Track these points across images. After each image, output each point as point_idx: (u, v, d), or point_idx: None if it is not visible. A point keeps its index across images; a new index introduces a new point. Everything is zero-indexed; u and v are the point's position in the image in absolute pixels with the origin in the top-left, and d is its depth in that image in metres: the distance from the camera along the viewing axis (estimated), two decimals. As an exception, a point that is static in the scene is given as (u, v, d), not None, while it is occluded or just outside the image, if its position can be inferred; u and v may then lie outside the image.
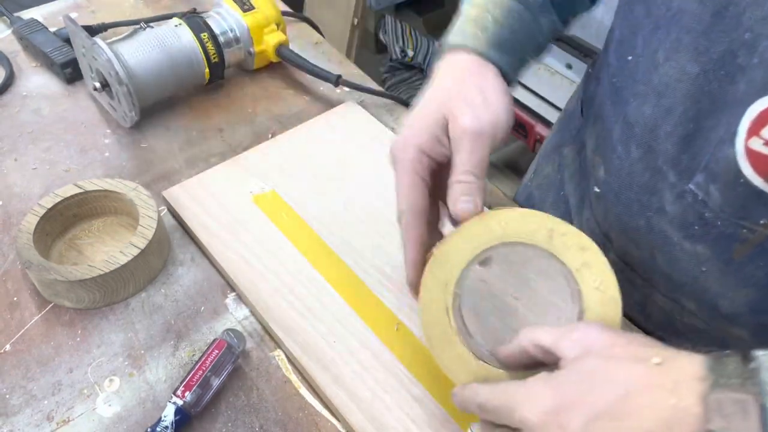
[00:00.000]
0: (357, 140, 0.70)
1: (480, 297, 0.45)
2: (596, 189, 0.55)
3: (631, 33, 0.46)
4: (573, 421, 0.33)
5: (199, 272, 0.59)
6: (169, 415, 0.46)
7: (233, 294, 0.57)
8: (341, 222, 0.61)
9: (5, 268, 0.58)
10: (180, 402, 0.47)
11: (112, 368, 0.52)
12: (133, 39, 0.70)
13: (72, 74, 0.77)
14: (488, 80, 0.46)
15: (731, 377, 0.31)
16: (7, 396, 0.50)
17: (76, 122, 0.73)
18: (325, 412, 0.49)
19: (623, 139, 0.48)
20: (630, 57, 0.46)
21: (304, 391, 0.50)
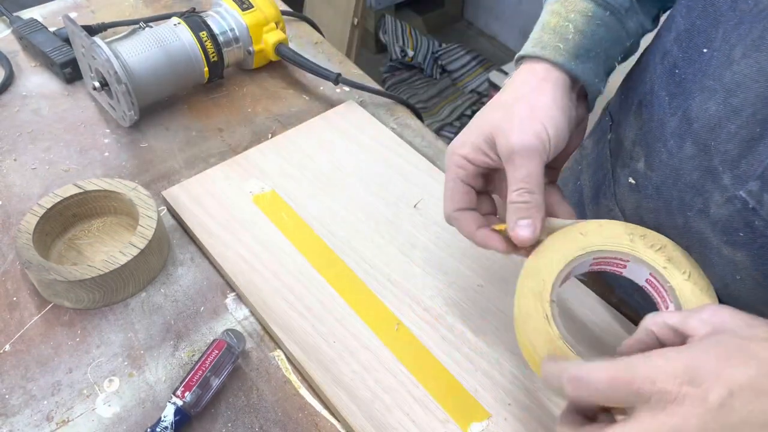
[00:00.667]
0: (357, 140, 0.70)
1: None
2: (631, 180, 0.52)
3: (711, 25, 0.43)
4: (713, 392, 0.31)
5: (199, 272, 0.58)
6: (169, 416, 0.46)
7: (233, 294, 0.57)
8: (341, 222, 0.61)
9: (5, 268, 0.58)
10: (180, 402, 0.47)
11: (112, 368, 0.51)
12: (133, 38, 0.69)
13: (71, 74, 0.77)
14: (546, 94, 0.46)
15: None
16: (7, 396, 0.50)
17: (76, 122, 0.73)
18: (325, 413, 0.49)
19: (678, 134, 0.46)
20: (705, 50, 0.44)
21: (304, 392, 0.50)
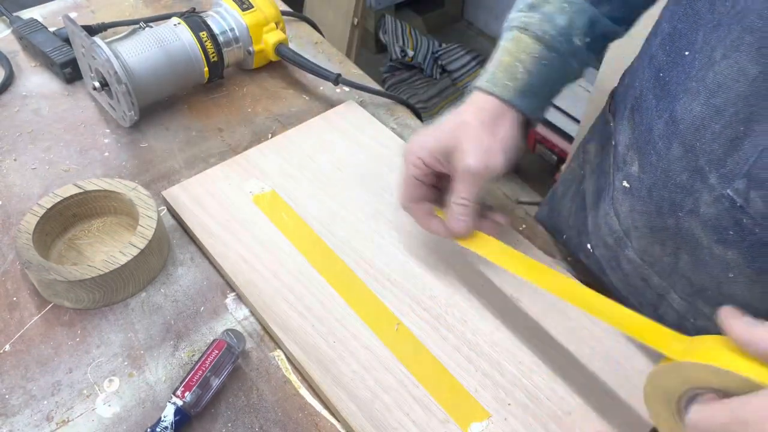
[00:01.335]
0: (357, 140, 0.70)
1: None
2: (625, 184, 0.54)
3: (691, 28, 0.45)
4: None
5: (199, 272, 0.58)
6: (169, 416, 0.46)
7: (233, 294, 0.57)
8: (341, 222, 0.61)
9: (5, 268, 0.58)
10: (180, 402, 0.47)
11: (112, 368, 0.51)
12: (133, 38, 0.69)
13: (71, 74, 0.77)
14: (504, 127, 0.52)
15: None
16: (7, 396, 0.50)
17: (76, 122, 0.73)
18: (325, 413, 0.49)
19: (665, 136, 0.47)
20: (687, 52, 0.45)
21: (304, 392, 0.50)
